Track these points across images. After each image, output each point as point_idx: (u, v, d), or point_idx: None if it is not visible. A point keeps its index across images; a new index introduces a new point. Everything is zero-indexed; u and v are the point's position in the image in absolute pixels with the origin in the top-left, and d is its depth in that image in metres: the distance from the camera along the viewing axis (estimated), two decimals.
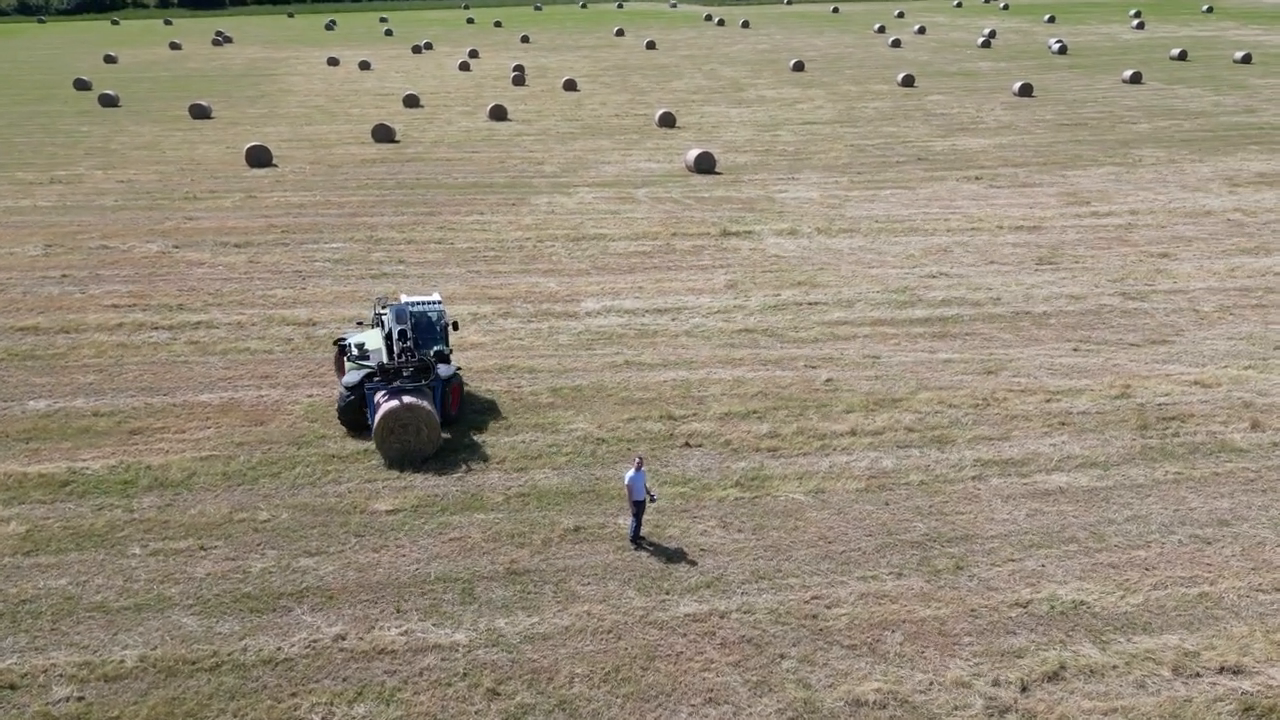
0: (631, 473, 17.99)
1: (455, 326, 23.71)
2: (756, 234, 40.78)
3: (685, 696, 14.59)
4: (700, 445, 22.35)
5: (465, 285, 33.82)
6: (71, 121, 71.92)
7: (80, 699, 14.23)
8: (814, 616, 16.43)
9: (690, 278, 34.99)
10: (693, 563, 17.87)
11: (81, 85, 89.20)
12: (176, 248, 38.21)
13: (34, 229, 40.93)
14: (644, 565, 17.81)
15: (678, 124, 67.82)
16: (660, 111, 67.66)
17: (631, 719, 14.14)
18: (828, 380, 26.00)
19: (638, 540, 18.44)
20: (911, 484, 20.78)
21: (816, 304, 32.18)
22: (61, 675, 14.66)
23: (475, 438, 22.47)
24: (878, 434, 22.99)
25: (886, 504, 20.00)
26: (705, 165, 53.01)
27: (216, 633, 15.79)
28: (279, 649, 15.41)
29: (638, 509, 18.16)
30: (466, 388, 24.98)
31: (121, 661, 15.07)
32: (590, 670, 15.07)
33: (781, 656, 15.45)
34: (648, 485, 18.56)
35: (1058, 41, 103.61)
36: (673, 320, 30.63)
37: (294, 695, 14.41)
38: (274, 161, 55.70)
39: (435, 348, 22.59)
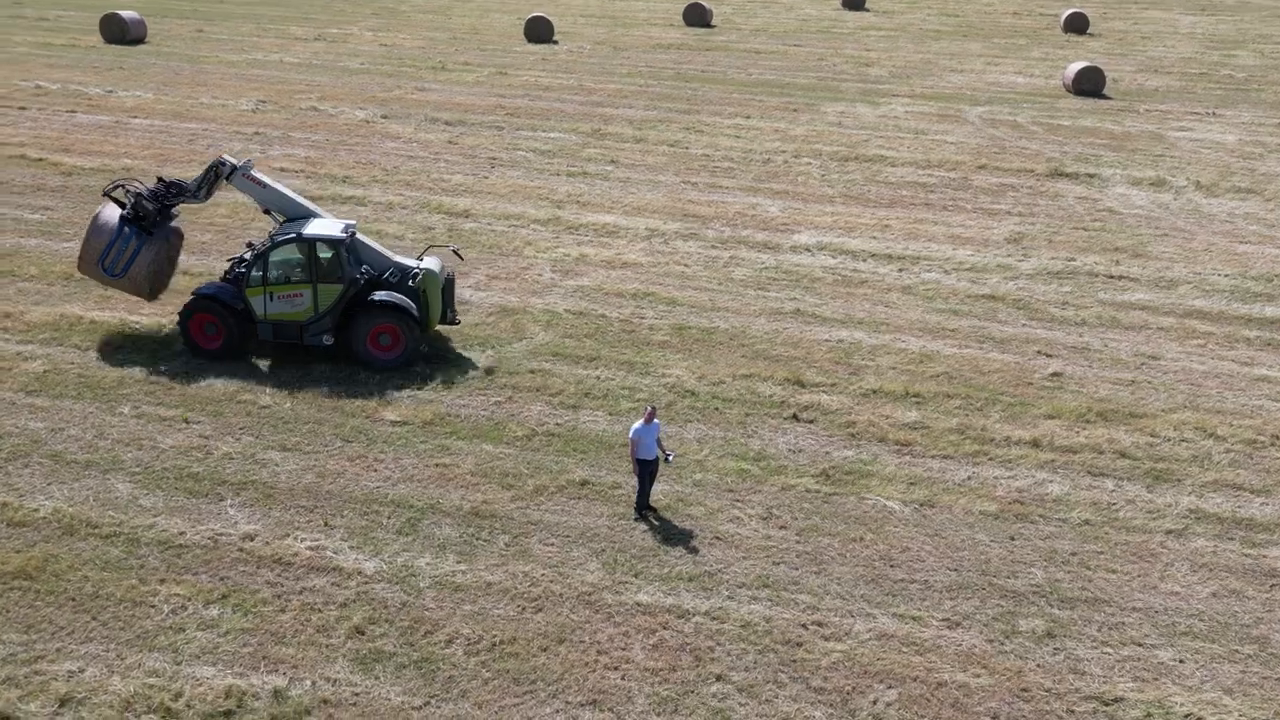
0: (639, 425, 18.26)
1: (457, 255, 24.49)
2: (1100, 179, 38.02)
3: (566, 692, 14.93)
4: (812, 421, 21.94)
5: (667, 196, 34.97)
6: None
7: None
8: (798, 644, 15.93)
9: (964, 222, 33.58)
10: (694, 550, 17.90)
11: None
12: (384, 118, 42.96)
13: (262, 84, 47.84)
14: (632, 540, 18.13)
15: (1089, 29, 63.70)
16: (1069, 13, 63.79)
17: (489, 696, 14.76)
18: (1053, 374, 24.19)
19: (643, 510, 18.72)
20: (1069, 521, 19.06)
21: (1120, 279, 29.68)
22: None
23: (544, 363, 23.69)
24: (1071, 452, 21.19)
25: (1011, 538, 18.57)
26: (1089, 85, 49.73)
27: (138, 504, 18.49)
28: (182, 534, 17.77)
29: (643, 470, 18.41)
30: (571, 312, 26.23)
31: (35, 510, 18.20)
32: (480, 635, 15.86)
33: (718, 678, 15.24)
34: (662, 443, 18.72)
35: None
36: (899, 271, 29.77)
37: (162, 582, 16.64)
38: (554, 38, 60.04)
39: (240, 270, 23.28)
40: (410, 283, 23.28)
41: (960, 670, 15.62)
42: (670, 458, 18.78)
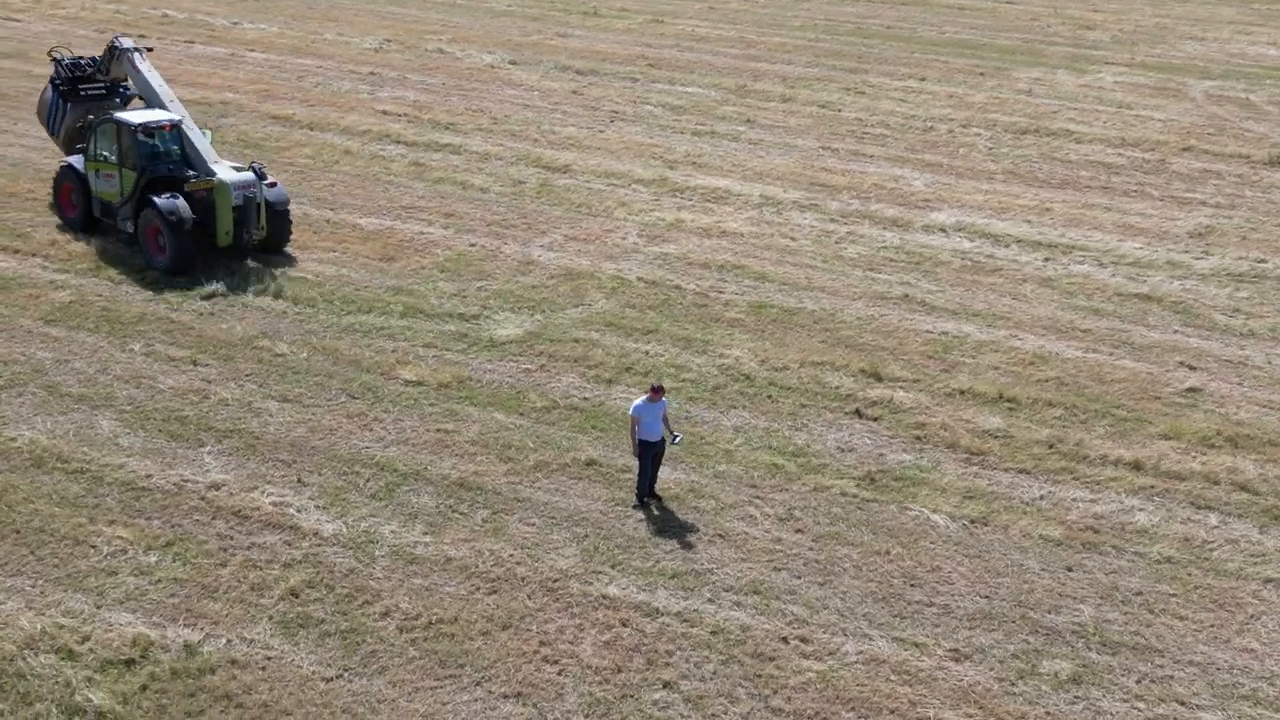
0: (640, 401, 18.34)
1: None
2: None
3: (492, 681, 15.17)
4: (876, 419, 21.55)
5: (798, 162, 34.74)
6: None
7: None
8: (770, 659, 15.75)
9: (1144, 210, 32.28)
10: (688, 545, 17.89)
11: None
12: (512, 63, 44.05)
13: (395, 22, 49.71)
14: (622, 528, 18.23)
15: None
16: None
17: (408, 676, 15.13)
18: (1189, 390, 23.07)
19: (646, 497, 18.77)
20: (1146, 557, 18.19)
21: None
22: None
23: (592, 333, 23.98)
24: (1178, 479, 20.19)
25: (1068, 569, 17.86)
26: None
27: (116, 443, 19.70)
28: (149, 477, 18.83)
29: (646, 453, 18.44)
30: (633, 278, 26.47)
31: (13, 440, 19.60)
32: (419, 611, 16.27)
33: (666, 685, 15.21)
34: (669, 422, 18.73)
35: None
36: (1044, 260, 28.85)
37: (111, 523, 17.68)
38: None
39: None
40: (184, 187, 25.54)
41: (950, 708, 15.15)
42: (678, 440, 18.79)
